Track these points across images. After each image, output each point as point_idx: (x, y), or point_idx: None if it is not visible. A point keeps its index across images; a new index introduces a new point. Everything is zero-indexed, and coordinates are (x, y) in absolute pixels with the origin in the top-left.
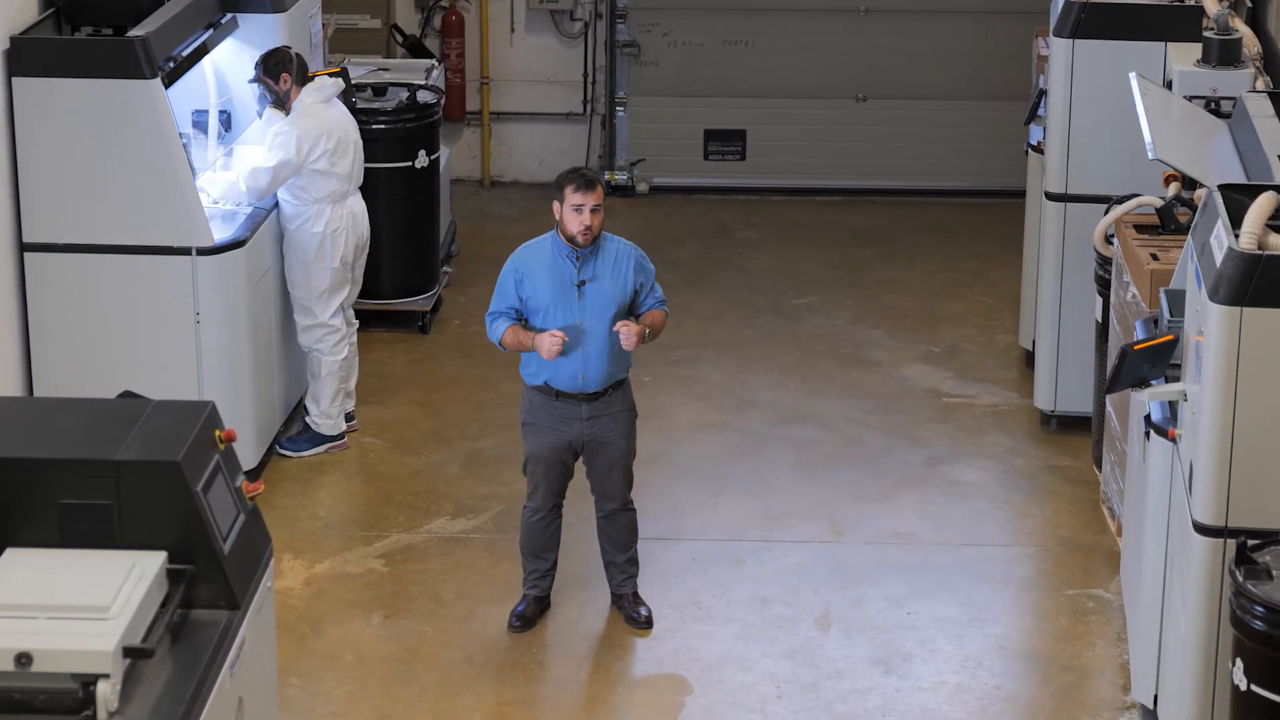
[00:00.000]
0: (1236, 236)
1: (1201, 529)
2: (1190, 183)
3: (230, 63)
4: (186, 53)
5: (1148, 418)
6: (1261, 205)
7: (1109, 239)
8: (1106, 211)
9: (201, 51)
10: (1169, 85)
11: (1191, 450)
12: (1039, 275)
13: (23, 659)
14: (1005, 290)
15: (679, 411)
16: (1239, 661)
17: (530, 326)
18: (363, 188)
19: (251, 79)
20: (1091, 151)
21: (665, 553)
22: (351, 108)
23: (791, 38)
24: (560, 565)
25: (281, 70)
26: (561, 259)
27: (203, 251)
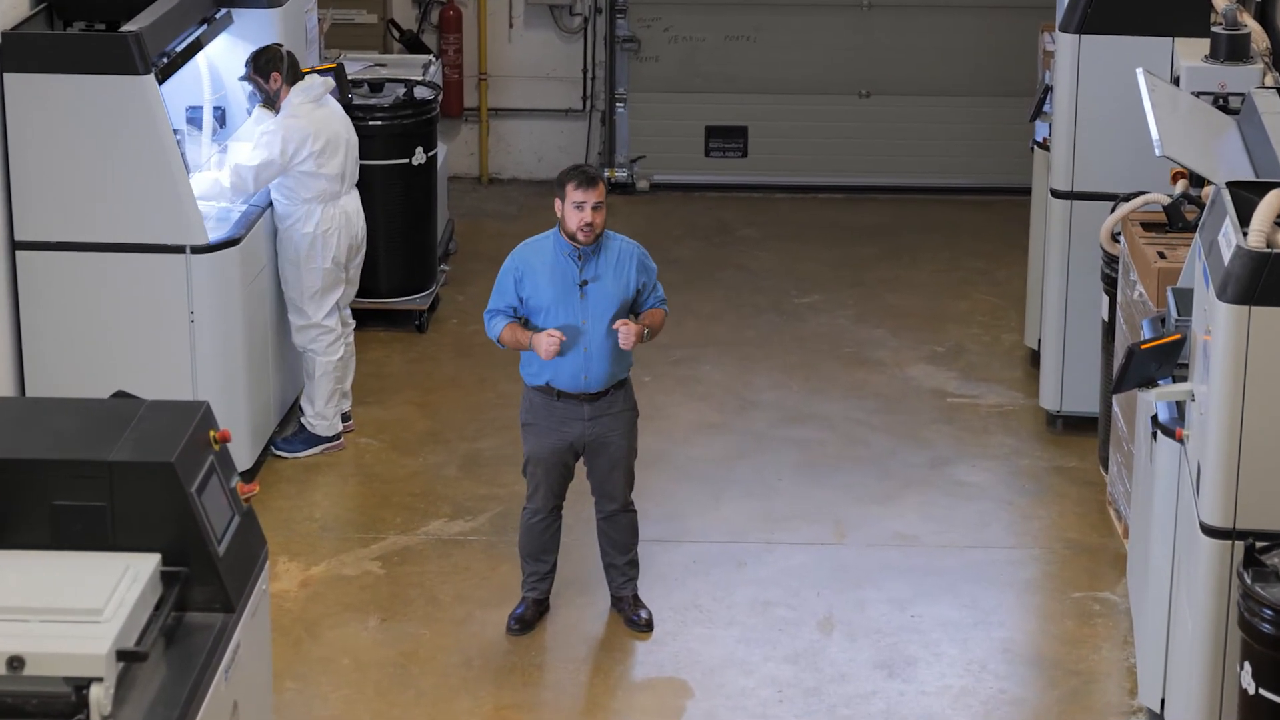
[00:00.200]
0: (1245, 234)
1: (1209, 531)
2: (1198, 180)
3: (225, 58)
4: (180, 48)
5: (1155, 418)
6: (1270, 203)
7: (1115, 237)
8: (1113, 209)
9: (196, 47)
10: (1176, 81)
11: (1199, 451)
12: (1044, 274)
13: (15, 662)
14: (1010, 289)
15: (680, 412)
16: (1247, 665)
17: (531, 326)
18: (359, 186)
19: (242, 76)
20: (1098, 148)
21: (666, 555)
22: (348, 104)
23: (794, 33)
24: (560, 568)
25: (271, 69)
26: (563, 258)
27: (197, 249)
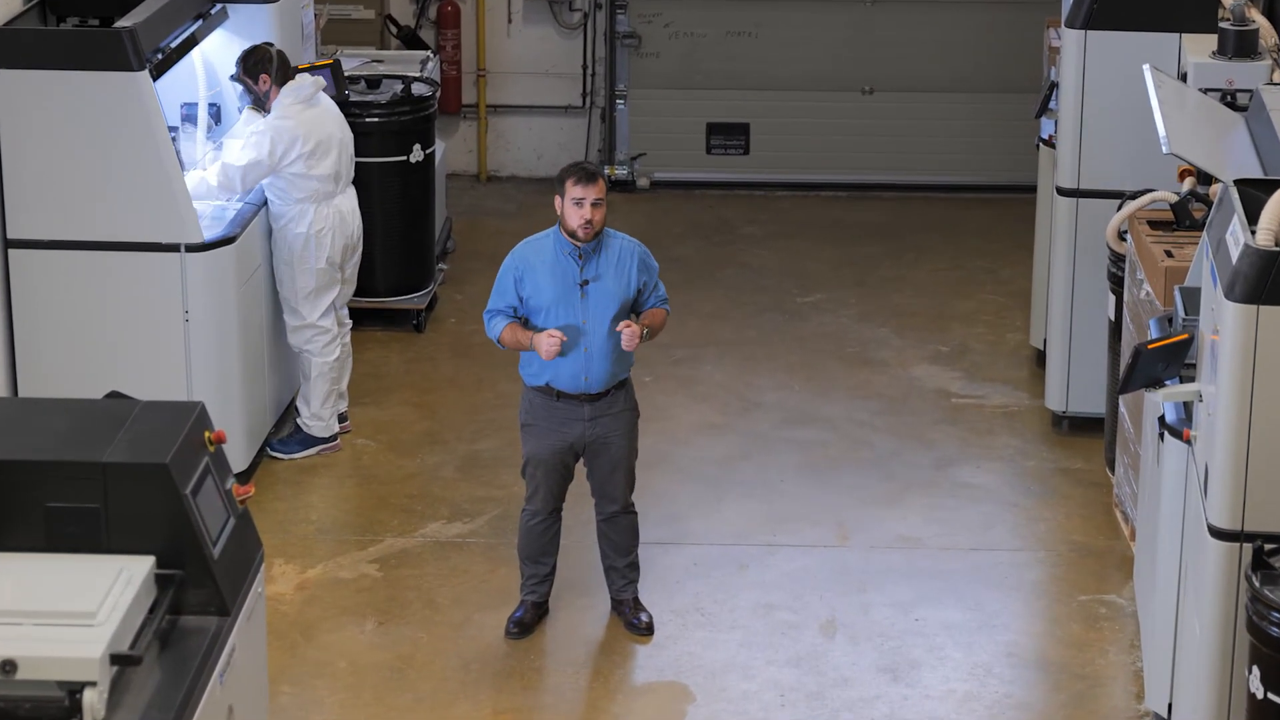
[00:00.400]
0: (1253, 233)
1: (1217, 533)
2: (1205, 177)
3: (220, 54)
4: (175, 44)
5: (1162, 419)
6: (1279, 201)
7: (1122, 235)
8: (1119, 207)
9: (190, 43)
10: (1184, 77)
11: (1207, 452)
12: (1050, 273)
13: (7, 666)
14: (1015, 288)
15: (681, 413)
16: (1255, 669)
17: (531, 326)
18: (356, 183)
19: (232, 76)
20: (1104, 146)
21: (667, 557)
22: (344, 101)
23: (796, 29)
24: (559, 570)
25: (260, 71)
26: (564, 257)
27: (192, 248)
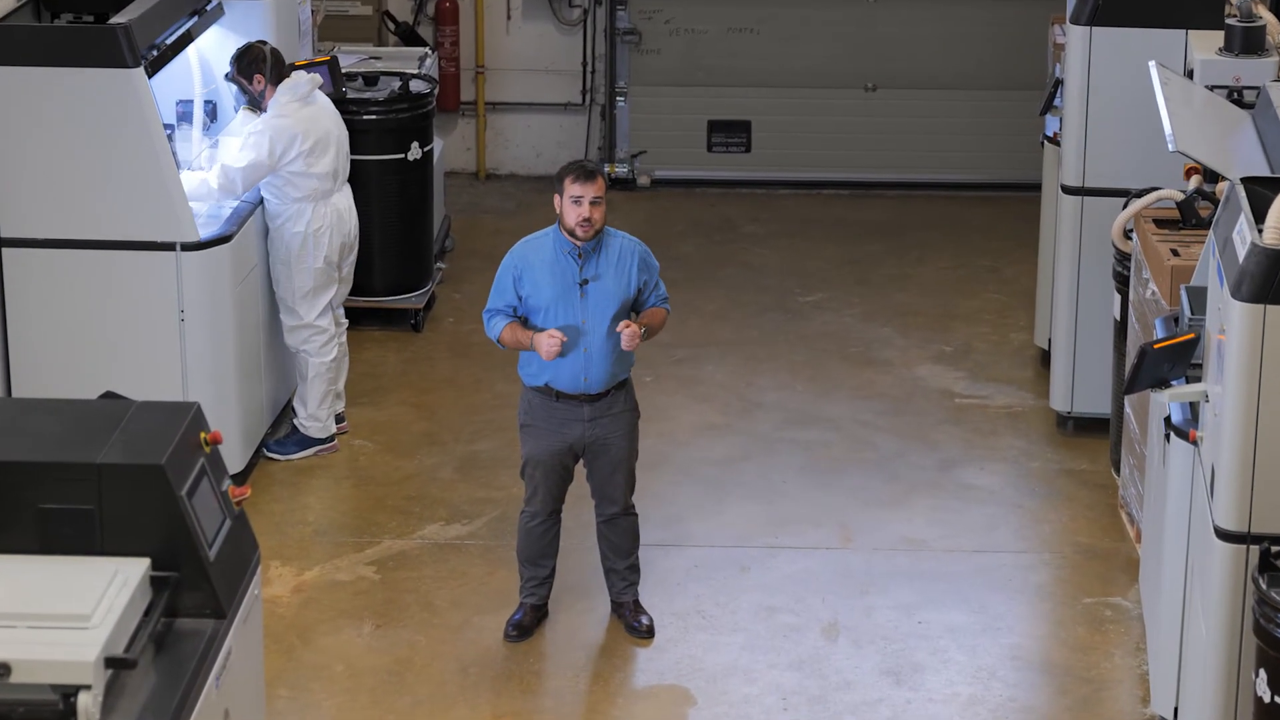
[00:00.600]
0: (1260, 231)
1: (1223, 535)
2: (1212, 176)
3: (216, 51)
4: (170, 41)
5: (1168, 419)
6: None
7: (1128, 234)
8: (1125, 205)
9: (186, 40)
10: (1190, 74)
11: (1213, 453)
12: (1055, 272)
13: (1, 670)
14: (1020, 287)
15: (682, 413)
16: (1262, 672)
17: (530, 325)
18: (354, 182)
19: (226, 76)
20: (1109, 143)
21: (667, 559)
22: (341, 98)
23: (798, 25)
24: (559, 572)
25: (254, 71)
26: (563, 256)
27: (187, 247)
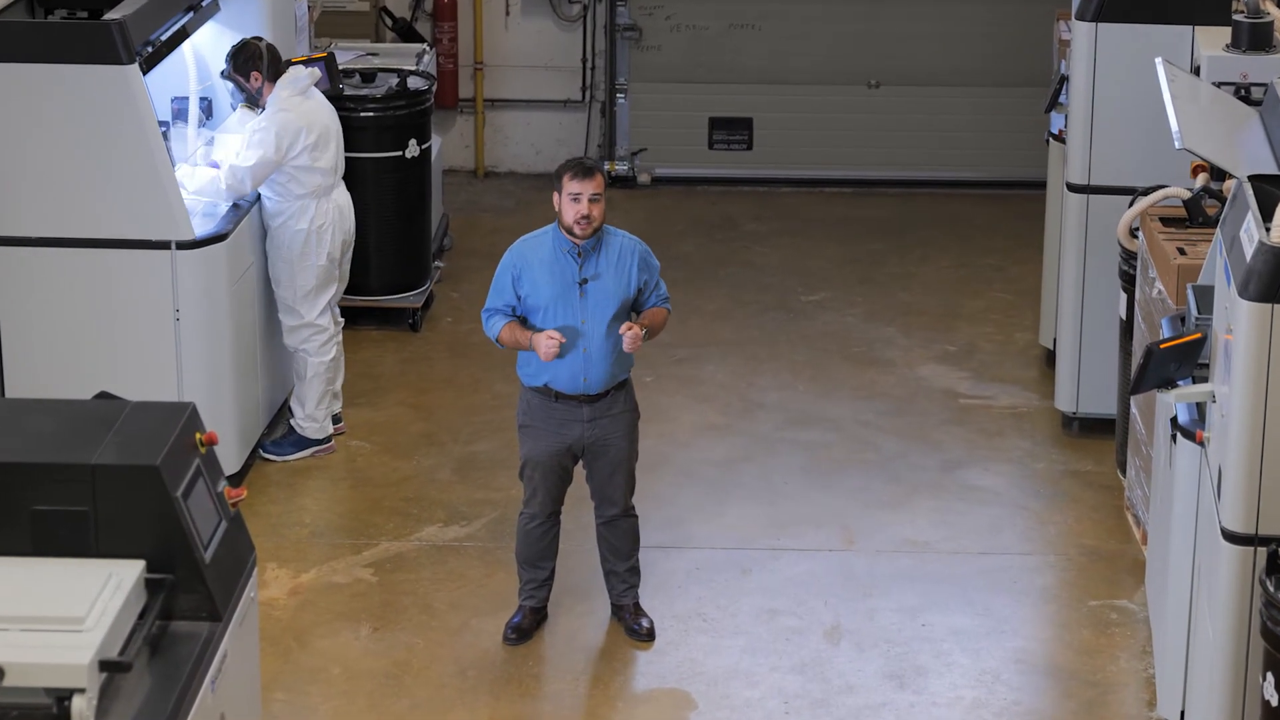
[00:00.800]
0: (1268, 230)
1: (1230, 536)
2: (1219, 173)
3: (211, 47)
4: (165, 37)
5: (1174, 420)
6: None
7: (1134, 232)
8: (1131, 203)
9: (181, 36)
10: (1197, 71)
11: (1220, 454)
12: (1060, 270)
13: None
14: (1024, 286)
15: (682, 414)
16: (1270, 676)
17: (529, 325)
18: (351, 179)
19: (222, 73)
20: (1115, 141)
21: (668, 561)
22: (338, 95)
23: (800, 21)
24: (558, 575)
25: (251, 68)
26: (563, 255)
27: (183, 246)
